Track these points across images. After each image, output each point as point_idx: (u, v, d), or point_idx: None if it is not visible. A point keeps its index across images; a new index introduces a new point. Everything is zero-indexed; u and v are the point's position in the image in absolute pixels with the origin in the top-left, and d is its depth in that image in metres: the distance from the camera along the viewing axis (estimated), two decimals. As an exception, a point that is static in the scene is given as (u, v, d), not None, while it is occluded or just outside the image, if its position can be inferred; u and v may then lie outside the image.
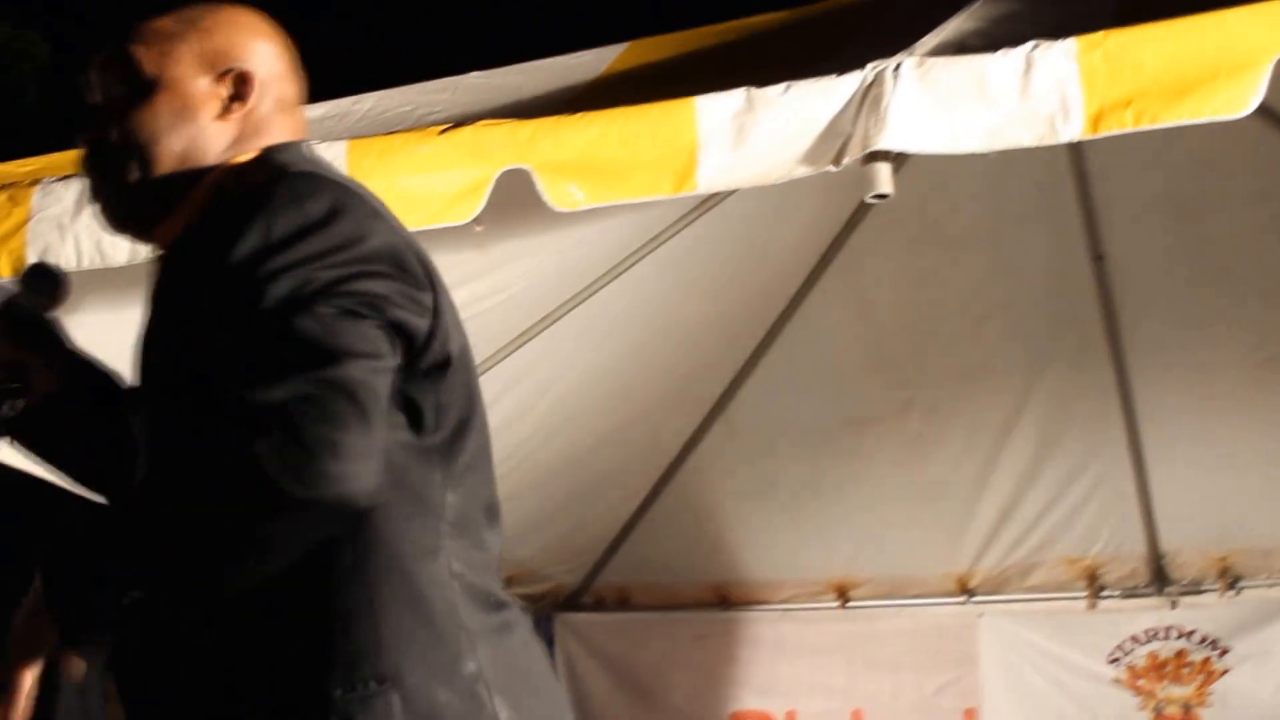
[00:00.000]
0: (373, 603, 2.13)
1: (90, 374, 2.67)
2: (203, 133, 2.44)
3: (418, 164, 4.14)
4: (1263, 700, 8.77)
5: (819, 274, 7.78)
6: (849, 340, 8.08)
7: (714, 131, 3.92)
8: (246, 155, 2.45)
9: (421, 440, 2.27)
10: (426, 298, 2.30)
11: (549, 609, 9.68)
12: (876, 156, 3.83)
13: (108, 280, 4.78)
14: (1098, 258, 7.55)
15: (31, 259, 4.38)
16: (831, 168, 3.85)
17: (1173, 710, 9.03)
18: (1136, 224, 7.34)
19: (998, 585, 9.31)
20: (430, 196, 4.11)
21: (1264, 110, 3.90)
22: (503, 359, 6.76)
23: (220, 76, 2.46)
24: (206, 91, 2.46)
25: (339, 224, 2.19)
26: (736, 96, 3.93)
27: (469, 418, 2.39)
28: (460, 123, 4.24)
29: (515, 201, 4.10)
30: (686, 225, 6.35)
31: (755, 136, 3.90)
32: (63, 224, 4.39)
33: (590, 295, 6.61)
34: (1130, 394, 8.29)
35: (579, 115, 4.11)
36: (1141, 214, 7.28)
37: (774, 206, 6.41)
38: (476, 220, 4.11)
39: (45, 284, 2.59)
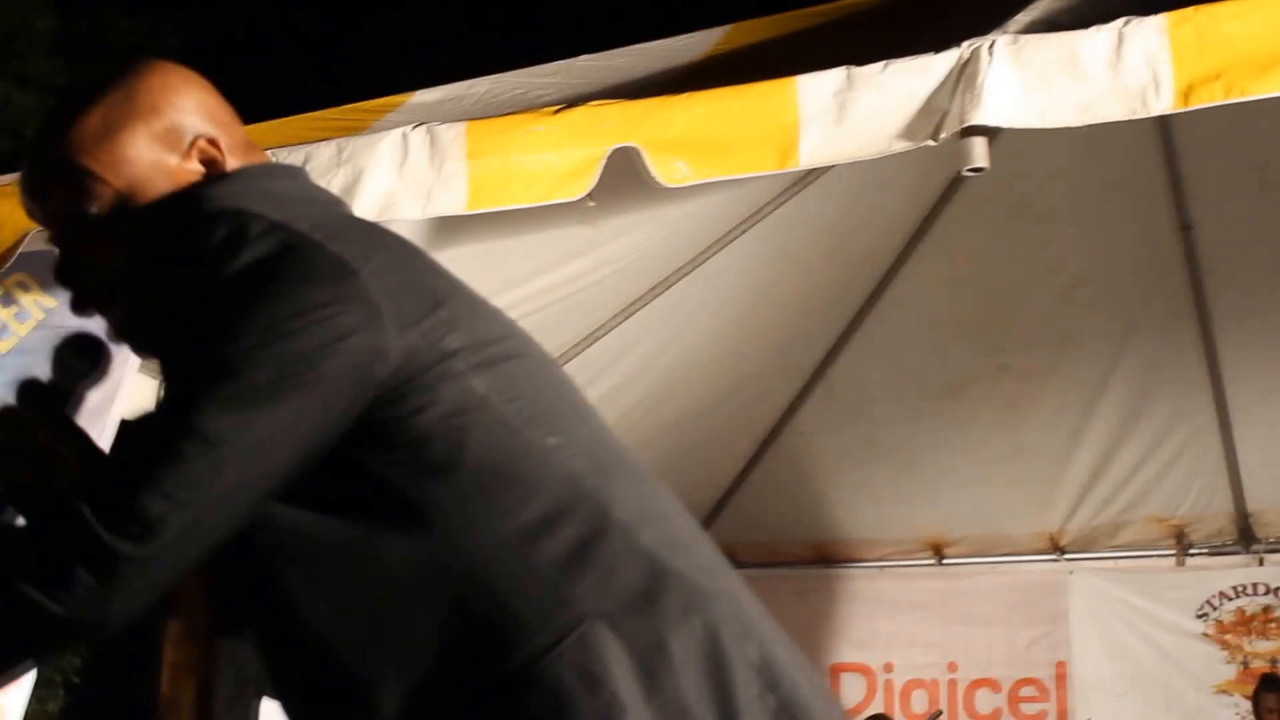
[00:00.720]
0: None
1: None
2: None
3: (533, 143, 4.14)
4: (1348, 655, 8.75)
5: (915, 245, 7.75)
6: (944, 308, 8.04)
7: (815, 109, 3.90)
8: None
9: None
10: None
11: (657, 566, 9.71)
12: (972, 131, 3.80)
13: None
14: (1185, 228, 7.48)
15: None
16: (929, 142, 3.82)
17: (1259, 664, 8.99)
18: (1222, 195, 7.26)
19: (1088, 543, 9.30)
20: (545, 174, 4.11)
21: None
22: (613, 329, 6.77)
23: (187, 151, 2.10)
24: (178, 169, 2.09)
25: None
26: (836, 75, 3.91)
27: None
28: (572, 103, 4.23)
29: (625, 178, 4.10)
30: (788, 199, 6.33)
31: (855, 113, 3.87)
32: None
33: (696, 267, 6.61)
34: (1217, 360, 8.22)
35: (685, 95, 4.09)
36: (1227, 185, 7.20)
37: (871, 180, 6.38)
38: (589, 196, 4.11)
39: (83, 358, 2.11)
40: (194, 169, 2.10)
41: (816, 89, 3.91)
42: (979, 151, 3.85)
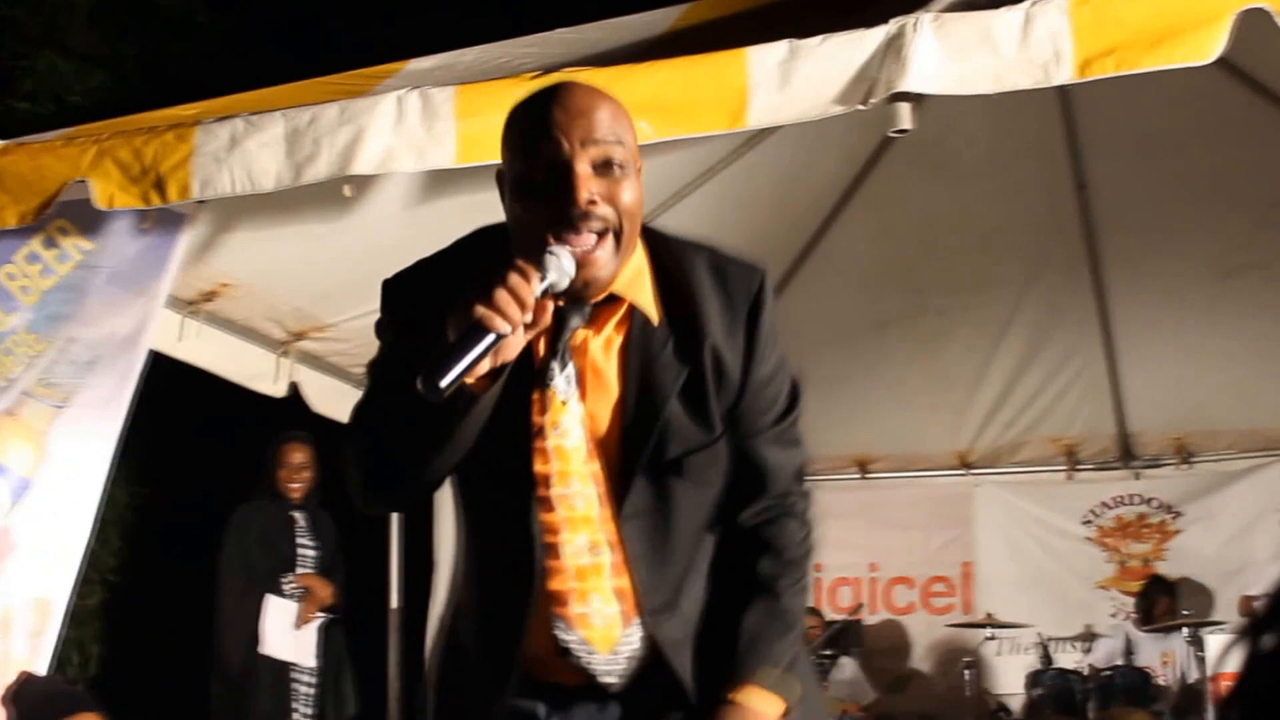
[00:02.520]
0: None
1: None
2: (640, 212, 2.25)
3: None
4: (1208, 556, 8.86)
5: (848, 199, 7.74)
6: (873, 255, 8.04)
7: (762, 76, 3.89)
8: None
9: None
10: None
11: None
12: (899, 97, 3.79)
13: (256, 202, 4.79)
14: (1080, 187, 7.49)
15: (195, 188, 4.37)
16: (861, 107, 3.82)
17: (1134, 563, 9.10)
18: (1113, 157, 7.27)
19: (992, 460, 9.36)
20: (524, 133, 4.07)
21: (1223, 60, 3.85)
22: (582, 270, 6.76)
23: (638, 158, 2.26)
24: (639, 168, 2.25)
25: None
26: (781, 47, 3.89)
27: None
28: (549, 69, 4.20)
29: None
30: (737, 159, 6.30)
31: (797, 80, 3.86)
32: (220, 157, 4.37)
33: (655, 218, 6.54)
34: (1106, 301, 8.29)
35: (649, 63, 4.07)
36: (1118, 149, 7.21)
37: (810, 142, 6.35)
38: (565, 152, 4.07)
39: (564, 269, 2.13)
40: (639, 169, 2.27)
41: (763, 59, 3.90)
42: (904, 115, 3.86)
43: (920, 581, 9.44)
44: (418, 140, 4.17)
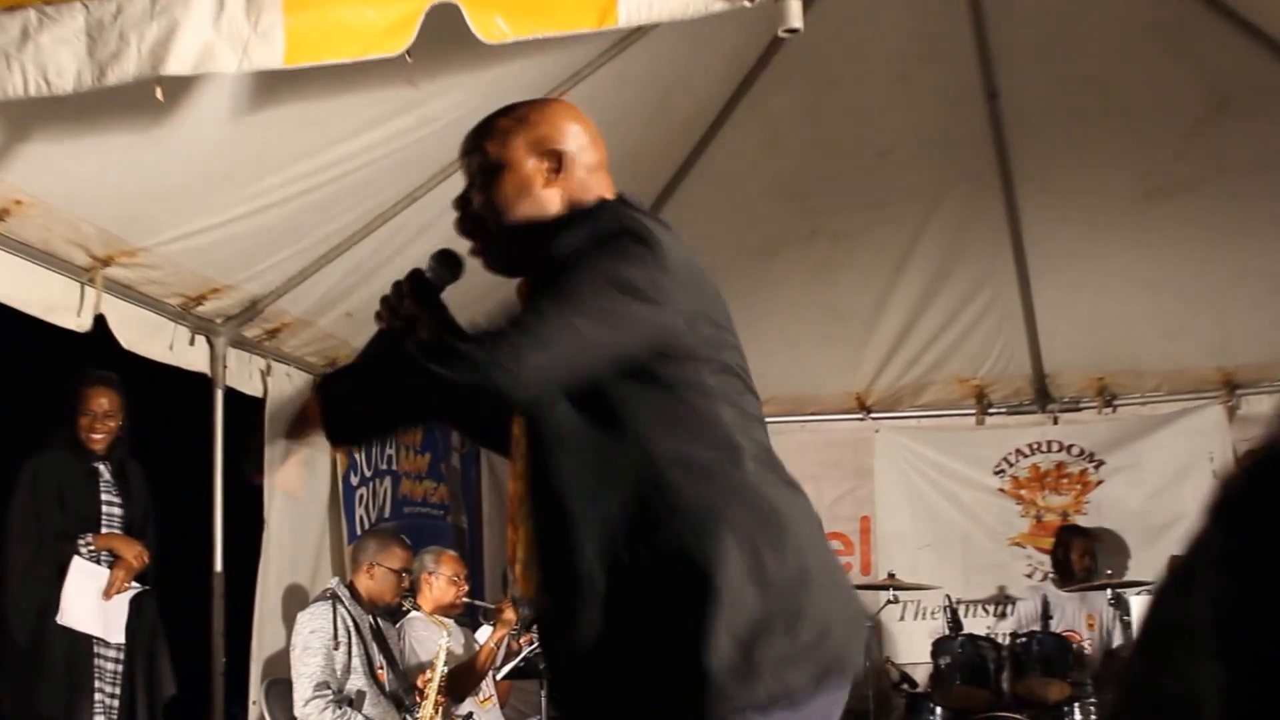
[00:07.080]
0: None
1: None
2: (538, 198, 3.03)
3: (352, -4, 4.05)
4: (1132, 509, 8.98)
5: (731, 109, 7.73)
6: (760, 171, 8.05)
7: (634, -33, 3.86)
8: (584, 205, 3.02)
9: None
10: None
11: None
12: (789, -8, 3.78)
13: (54, 107, 4.70)
14: (992, 95, 7.53)
15: (-20, 87, 4.28)
16: (745, 4, 3.80)
17: (1051, 518, 9.22)
18: (1027, 63, 7.33)
19: (893, 403, 9.45)
20: (364, 28, 4.03)
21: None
22: (434, 187, 6.69)
23: (542, 156, 3.03)
24: (535, 168, 3.03)
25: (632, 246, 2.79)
26: (656, -67, 3.86)
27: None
28: (392, -43, 4.15)
29: (445, 36, 4.03)
30: (606, 61, 6.27)
31: (673, -28, 3.84)
32: (9, 54, 4.26)
33: (513, 126, 6.53)
34: (1019, 224, 8.34)
35: (505, -50, 4.03)
36: (1032, 54, 7.26)
37: (690, 43, 6.34)
38: (407, 52, 4.04)
39: (447, 267, 3.15)
40: (543, 169, 3.06)
41: (636, -54, 3.86)
42: (794, 13, 3.83)
43: (813, 539, 9.49)
44: (241, 36, 4.10)
